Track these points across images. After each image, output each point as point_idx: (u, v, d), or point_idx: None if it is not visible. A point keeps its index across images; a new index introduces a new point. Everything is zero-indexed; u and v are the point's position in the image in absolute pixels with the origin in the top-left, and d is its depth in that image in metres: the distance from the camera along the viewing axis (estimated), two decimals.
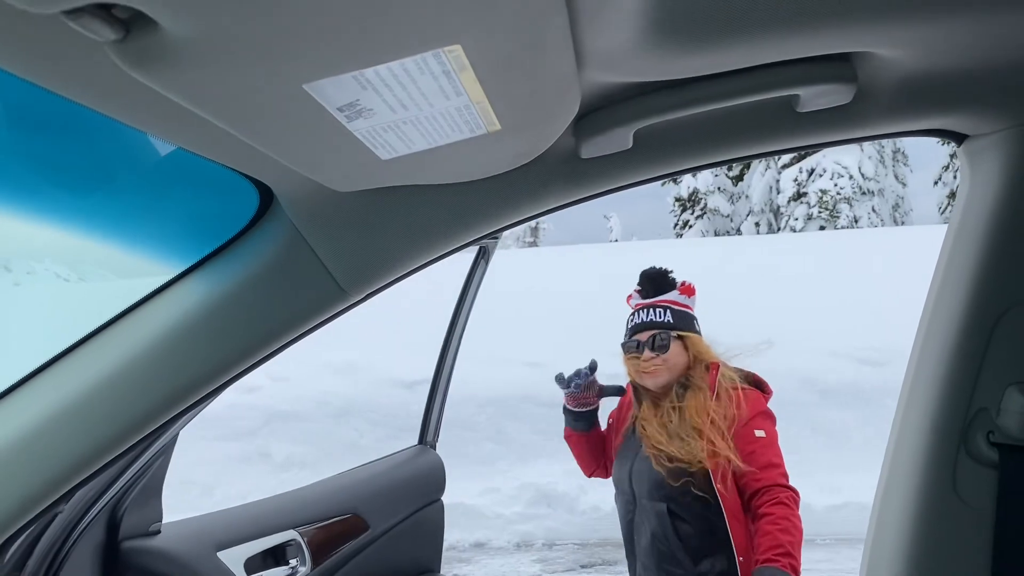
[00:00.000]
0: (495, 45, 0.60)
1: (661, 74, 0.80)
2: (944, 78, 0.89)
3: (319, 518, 1.85)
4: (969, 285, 1.02)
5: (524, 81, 0.68)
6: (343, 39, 0.54)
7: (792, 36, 0.75)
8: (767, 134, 0.95)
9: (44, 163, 1.05)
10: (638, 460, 2.24)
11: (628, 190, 1.01)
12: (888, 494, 1.08)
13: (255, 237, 1.00)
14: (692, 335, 2.24)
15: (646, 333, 2.22)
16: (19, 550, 1.26)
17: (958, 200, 1.07)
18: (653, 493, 2.17)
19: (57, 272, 5.22)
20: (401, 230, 0.97)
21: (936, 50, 0.82)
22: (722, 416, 2.11)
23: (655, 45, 0.72)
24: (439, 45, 0.57)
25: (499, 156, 0.88)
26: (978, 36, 0.80)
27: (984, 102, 0.94)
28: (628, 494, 2.27)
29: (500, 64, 0.63)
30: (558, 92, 0.73)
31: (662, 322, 2.21)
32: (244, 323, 0.99)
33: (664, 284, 2.29)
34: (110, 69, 0.57)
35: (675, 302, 2.25)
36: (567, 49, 0.65)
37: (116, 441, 0.99)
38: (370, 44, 0.55)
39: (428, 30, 0.55)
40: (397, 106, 0.65)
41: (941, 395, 1.03)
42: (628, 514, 2.28)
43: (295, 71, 0.57)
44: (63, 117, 0.91)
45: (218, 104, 0.61)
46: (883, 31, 0.77)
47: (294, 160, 0.77)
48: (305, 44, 0.53)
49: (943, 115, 0.95)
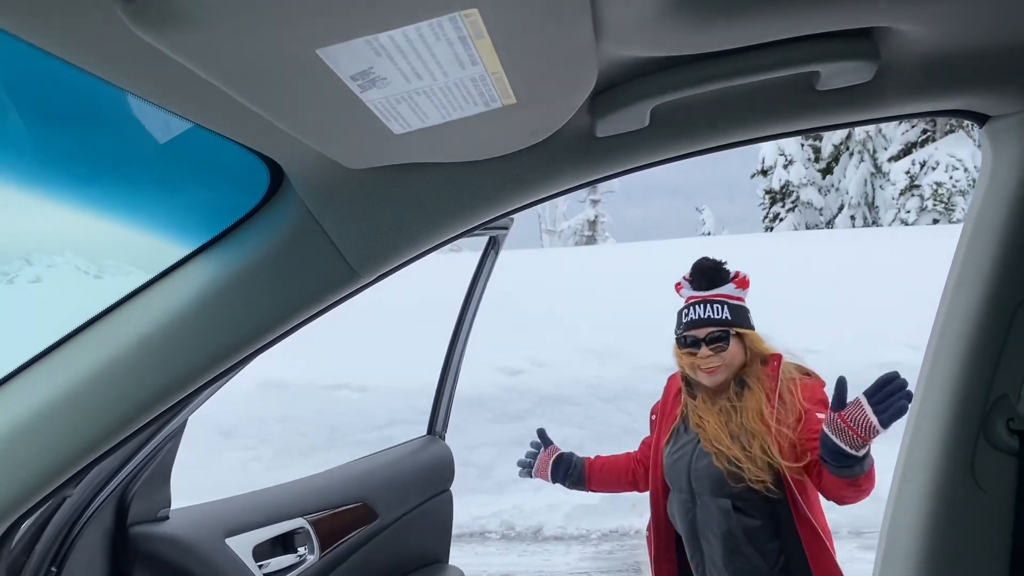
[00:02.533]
0: (513, 11, 0.58)
1: (680, 48, 0.78)
2: (966, 56, 0.87)
3: (328, 506, 1.85)
4: (990, 269, 1.00)
5: (541, 51, 0.66)
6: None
7: (813, 10, 0.74)
8: (786, 113, 0.93)
9: (52, 145, 1.04)
10: (697, 456, 2.17)
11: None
12: (906, 481, 1.07)
13: (266, 217, 0.99)
14: (750, 332, 2.17)
15: (703, 330, 2.14)
16: (28, 534, 1.26)
17: (980, 182, 1.05)
18: (716, 490, 2.11)
19: (78, 265, 5.26)
20: (413, 210, 0.96)
21: (959, 27, 0.81)
22: (787, 415, 2.05)
23: (675, 17, 0.71)
24: (456, 8, 0.56)
25: (514, 132, 0.86)
26: (1002, 13, 0.79)
27: (1007, 81, 0.92)
28: (687, 492, 2.19)
29: (517, 32, 0.61)
30: (575, 64, 0.72)
31: (720, 319, 2.13)
32: (254, 304, 0.98)
33: (719, 277, 2.19)
34: (121, 35, 0.56)
35: (731, 296, 2.17)
36: (586, 19, 0.64)
37: (125, 423, 0.99)
38: (387, 4, 0.54)
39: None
40: (411, 75, 0.64)
41: (960, 382, 1.02)
42: (688, 512, 2.20)
43: (309, 35, 0.56)
44: (72, 97, 0.90)
45: (229, 70, 0.60)
46: (906, 6, 0.75)
47: (305, 133, 0.76)
48: (320, 4, 0.52)
49: (965, 95, 0.94)
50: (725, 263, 2.24)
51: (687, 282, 2.23)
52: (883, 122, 1.00)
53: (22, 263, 5.01)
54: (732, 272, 2.22)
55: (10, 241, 4.41)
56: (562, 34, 0.65)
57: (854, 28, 0.80)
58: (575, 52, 0.69)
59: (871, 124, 0.97)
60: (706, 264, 2.22)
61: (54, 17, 0.57)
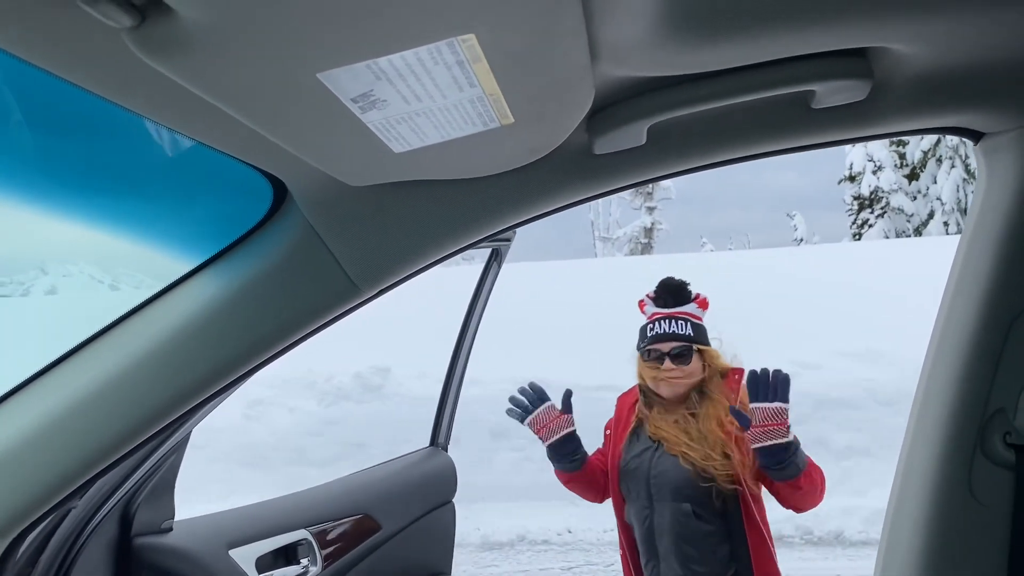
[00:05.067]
0: (509, 35, 0.60)
1: (676, 68, 0.80)
2: (960, 74, 0.88)
3: (330, 518, 1.85)
4: (986, 284, 1.01)
5: (538, 73, 0.68)
6: (359, 25, 0.54)
7: (808, 30, 0.75)
8: (782, 131, 0.95)
9: (61, 160, 1.06)
10: (657, 461, 2.26)
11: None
12: (903, 494, 1.07)
13: (268, 233, 1.00)
14: (709, 349, 2.33)
15: (668, 344, 2.27)
16: (33, 545, 1.27)
17: (975, 198, 1.06)
18: (676, 494, 2.20)
19: (91, 274, 5.29)
20: (414, 226, 0.97)
21: (952, 46, 0.82)
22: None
23: (670, 38, 0.72)
24: (453, 34, 0.57)
25: (512, 151, 0.88)
26: (995, 31, 0.80)
27: (1001, 99, 0.93)
28: (644, 498, 2.28)
29: (514, 55, 0.63)
30: (572, 85, 0.73)
31: (684, 335, 2.27)
32: (256, 319, 0.99)
33: (682, 296, 2.35)
34: (127, 58, 0.57)
35: (693, 315, 2.32)
36: (581, 41, 0.65)
37: (129, 436, 1.00)
38: (385, 31, 0.55)
39: (443, 18, 0.55)
40: (411, 97, 0.66)
41: (957, 395, 1.03)
42: (645, 519, 2.28)
43: (310, 59, 0.57)
44: (80, 115, 0.91)
45: (232, 93, 0.61)
46: (899, 26, 0.76)
47: (308, 153, 0.77)
48: (320, 30, 0.54)
49: (959, 112, 0.95)
50: (688, 284, 2.39)
51: (651, 300, 2.38)
52: (878, 139, 1.01)
53: (38, 272, 5.04)
54: (694, 293, 2.37)
55: (25, 250, 4.44)
56: (558, 56, 0.66)
57: (849, 48, 0.81)
58: (571, 73, 0.70)
59: (866, 141, 0.98)
60: (672, 283, 2.38)
61: (62, 43, 0.59)
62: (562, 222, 70.27)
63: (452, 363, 2.40)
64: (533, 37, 0.61)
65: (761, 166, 68.77)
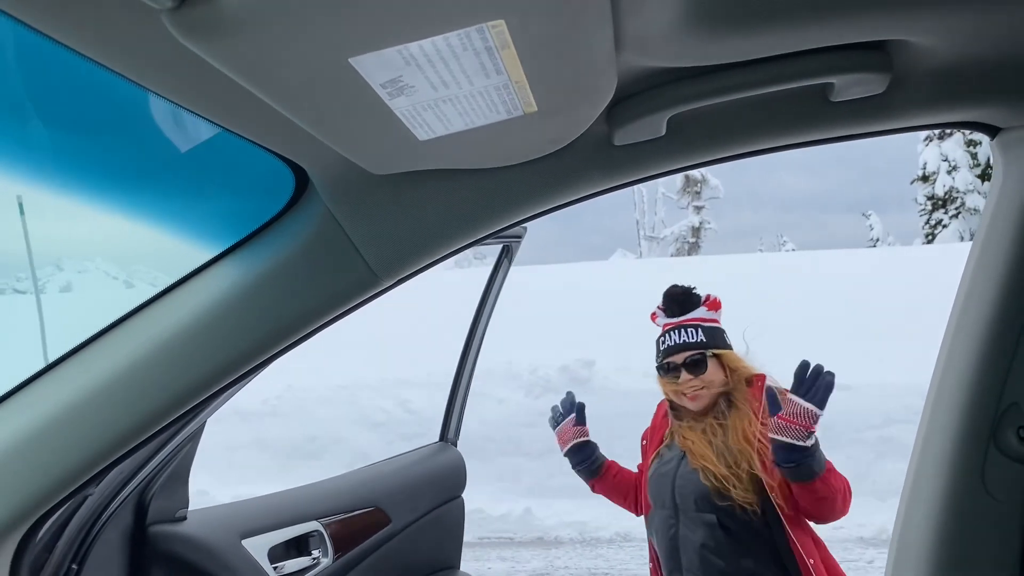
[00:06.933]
0: (537, 22, 0.61)
1: (697, 59, 0.80)
2: (978, 69, 0.89)
3: (342, 510, 1.86)
4: (1001, 279, 1.01)
5: (564, 61, 0.68)
6: (391, 10, 0.55)
7: (828, 23, 0.76)
8: (800, 124, 0.95)
9: (83, 149, 1.07)
10: (682, 472, 2.19)
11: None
12: (916, 489, 1.07)
13: (290, 221, 1.01)
14: (727, 352, 2.22)
15: (680, 355, 2.19)
16: (49, 531, 1.28)
17: (991, 193, 1.06)
18: (701, 504, 2.12)
19: (106, 271, 5.30)
20: (434, 215, 0.98)
21: (971, 40, 0.82)
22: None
23: (693, 29, 0.73)
24: (483, 20, 0.58)
25: (534, 140, 0.89)
26: (1013, 25, 0.80)
27: (1018, 94, 0.93)
28: (670, 508, 2.21)
29: (541, 42, 0.64)
30: (596, 74, 0.74)
31: (695, 342, 2.18)
32: (276, 307, 1.00)
33: (689, 302, 2.26)
34: (160, 43, 0.58)
35: (703, 319, 2.23)
36: (607, 29, 0.66)
37: (147, 424, 1.01)
38: (417, 16, 0.56)
39: (473, 3, 0.56)
40: (438, 83, 0.66)
41: (971, 390, 1.03)
42: (670, 528, 2.20)
43: (344, 43, 0.58)
44: (103, 105, 0.92)
45: (265, 77, 0.62)
46: (919, 19, 0.77)
47: (334, 139, 0.78)
48: (354, 14, 0.55)
49: (976, 107, 0.95)
50: (694, 288, 2.30)
51: (661, 311, 2.30)
52: (895, 133, 1.01)
53: (53, 268, 5.05)
54: (702, 296, 2.28)
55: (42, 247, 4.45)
56: (584, 44, 0.67)
57: (868, 41, 0.82)
58: (596, 62, 0.71)
59: (883, 135, 0.99)
60: (676, 291, 2.29)
61: (99, 25, 0.60)
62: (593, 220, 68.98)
63: (462, 360, 2.42)
64: (561, 24, 0.62)
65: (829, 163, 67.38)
